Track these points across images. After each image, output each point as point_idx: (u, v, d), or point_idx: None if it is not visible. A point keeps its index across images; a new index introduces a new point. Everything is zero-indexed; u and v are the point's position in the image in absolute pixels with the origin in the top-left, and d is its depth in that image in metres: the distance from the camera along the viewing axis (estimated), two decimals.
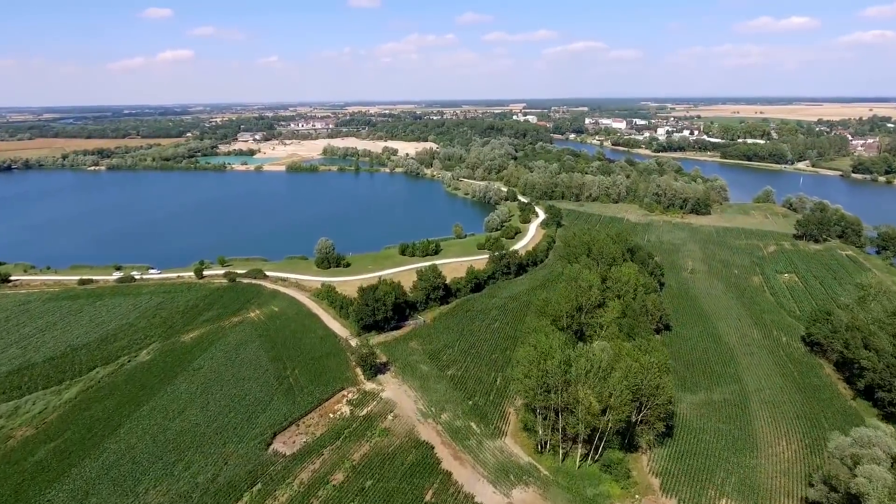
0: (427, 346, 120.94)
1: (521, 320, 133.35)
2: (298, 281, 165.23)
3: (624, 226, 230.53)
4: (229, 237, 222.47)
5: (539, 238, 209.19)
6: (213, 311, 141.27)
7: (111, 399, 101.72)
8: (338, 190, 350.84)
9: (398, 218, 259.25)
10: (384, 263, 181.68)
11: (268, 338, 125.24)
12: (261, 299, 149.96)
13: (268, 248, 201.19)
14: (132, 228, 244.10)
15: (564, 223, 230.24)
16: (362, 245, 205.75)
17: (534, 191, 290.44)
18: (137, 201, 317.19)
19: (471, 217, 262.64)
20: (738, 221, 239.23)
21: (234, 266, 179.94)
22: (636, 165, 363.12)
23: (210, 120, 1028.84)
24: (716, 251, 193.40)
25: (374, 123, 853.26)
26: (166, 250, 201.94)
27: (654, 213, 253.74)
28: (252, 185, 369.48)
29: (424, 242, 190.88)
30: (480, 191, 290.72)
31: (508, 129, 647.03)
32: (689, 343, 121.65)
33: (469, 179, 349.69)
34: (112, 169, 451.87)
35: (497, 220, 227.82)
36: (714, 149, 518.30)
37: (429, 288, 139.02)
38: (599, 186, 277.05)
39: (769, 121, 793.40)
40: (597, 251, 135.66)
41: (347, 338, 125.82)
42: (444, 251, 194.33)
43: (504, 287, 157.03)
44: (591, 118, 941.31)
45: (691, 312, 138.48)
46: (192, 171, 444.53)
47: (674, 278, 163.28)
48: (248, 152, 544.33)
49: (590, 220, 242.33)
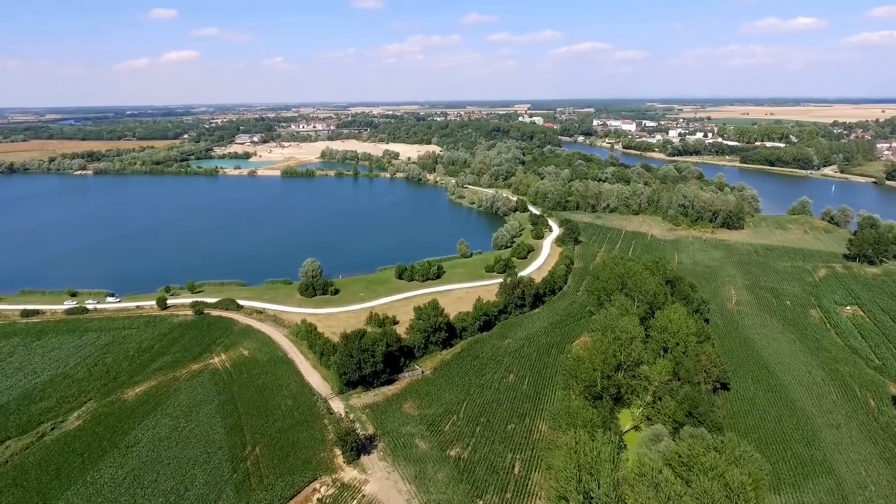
0: (425, 411, 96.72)
1: (541, 372, 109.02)
2: (277, 313, 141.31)
3: (649, 243, 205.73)
4: (206, 255, 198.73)
5: (555, 258, 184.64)
6: (170, 356, 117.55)
7: (5, 497, 77.76)
8: (333, 198, 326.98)
9: (397, 231, 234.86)
10: (378, 290, 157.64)
11: (229, 396, 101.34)
12: (229, 338, 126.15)
13: (248, 269, 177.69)
14: (99, 243, 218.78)
15: (582, 239, 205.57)
16: (355, 264, 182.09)
17: (545, 200, 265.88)
18: (114, 211, 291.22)
19: (477, 231, 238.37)
20: (777, 238, 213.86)
21: (205, 292, 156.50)
22: (654, 171, 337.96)
23: (211, 121, 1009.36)
24: (759, 276, 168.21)
25: (377, 125, 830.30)
26: (133, 271, 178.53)
27: (680, 226, 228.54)
28: (242, 192, 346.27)
29: (424, 264, 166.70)
30: (487, 200, 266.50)
31: (515, 131, 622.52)
32: (755, 410, 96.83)
33: (474, 186, 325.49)
34: (99, 173, 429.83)
35: (506, 235, 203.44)
36: (732, 153, 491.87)
37: (428, 329, 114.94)
38: (618, 196, 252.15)
39: (782, 122, 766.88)
40: (633, 286, 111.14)
41: (327, 396, 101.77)
42: (448, 274, 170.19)
43: (518, 323, 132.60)
44: (598, 119, 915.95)
45: (748, 362, 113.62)
46: (183, 175, 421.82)
47: (718, 313, 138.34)
48: (243, 155, 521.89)
49: (609, 235, 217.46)
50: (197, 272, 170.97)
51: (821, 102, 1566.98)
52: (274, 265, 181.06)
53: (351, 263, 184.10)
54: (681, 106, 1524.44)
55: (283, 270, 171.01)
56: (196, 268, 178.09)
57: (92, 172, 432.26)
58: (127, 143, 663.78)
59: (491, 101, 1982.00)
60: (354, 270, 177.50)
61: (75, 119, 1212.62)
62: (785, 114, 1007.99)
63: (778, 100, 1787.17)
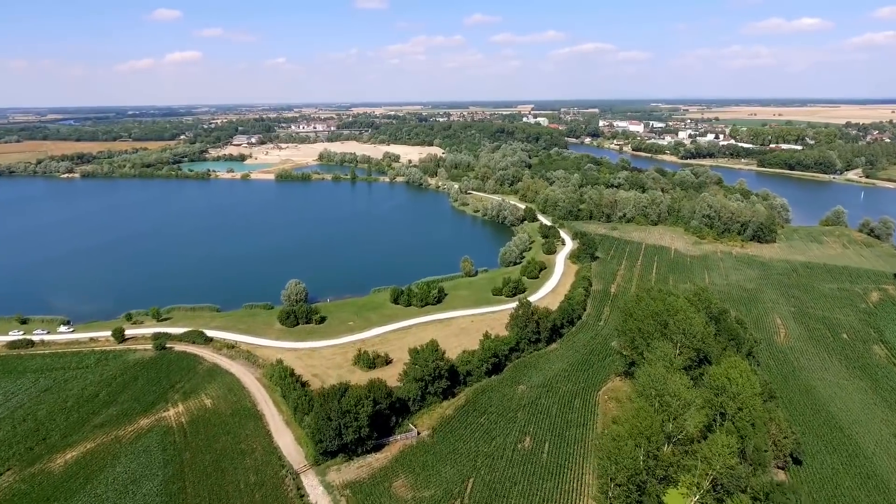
0: (421, 492, 76.83)
1: (564, 434, 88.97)
2: (251, 348, 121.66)
3: (674, 259, 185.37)
4: (180, 272, 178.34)
5: (570, 278, 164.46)
6: (117, 408, 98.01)
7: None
8: (328, 204, 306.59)
9: (395, 243, 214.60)
10: (370, 317, 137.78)
11: (177, 468, 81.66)
12: (191, 382, 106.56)
13: (225, 289, 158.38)
14: (62, 258, 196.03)
15: (599, 254, 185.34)
16: (346, 283, 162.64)
17: (556, 209, 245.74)
18: (89, 219, 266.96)
19: (482, 243, 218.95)
20: (814, 253, 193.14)
21: (172, 320, 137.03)
22: (669, 176, 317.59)
23: (211, 121, 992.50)
24: (805, 301, 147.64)
25: (378, 126, 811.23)
26: (95, 292, 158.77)
27: (705, 240, 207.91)
28: (232, 197, 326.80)
29: (423, 287, 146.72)
30: (493, 209, 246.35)
31: (519, 132, 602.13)
32: (840, 495, 76.51)
33: (479, 192, 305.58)
34: (87, 176, 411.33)
35: (515, 250, 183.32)
36: (748, 155, 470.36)
37: (426, 377, 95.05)
38: (636, 205, 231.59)
39: (793, 123, 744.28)
40: (676, 327, 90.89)
41: (299, 469, 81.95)
42: (450, 297, 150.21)
43: (532, 364, 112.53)
44: (604, 121, 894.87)
45: (816, 421, 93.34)
46: (174, 178, 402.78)
47: (767, 350, 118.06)
48: (238, 158, 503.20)
49: (628, 249, 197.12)
50: (167, 294, 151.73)
51: (827, 103, 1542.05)
52: (255, 284, 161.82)
53: (342, 282, 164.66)
54: (686, 106, 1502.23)
55: (265, 291, 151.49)
56: (167, 288, 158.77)
57: (79, 175, 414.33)
58: (122, 144, 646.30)
59: (494, 102, 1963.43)
60: (345, 291, 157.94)
61: (75, 119, 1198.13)
62: (792, 114, 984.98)
63: (784, 100, 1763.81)
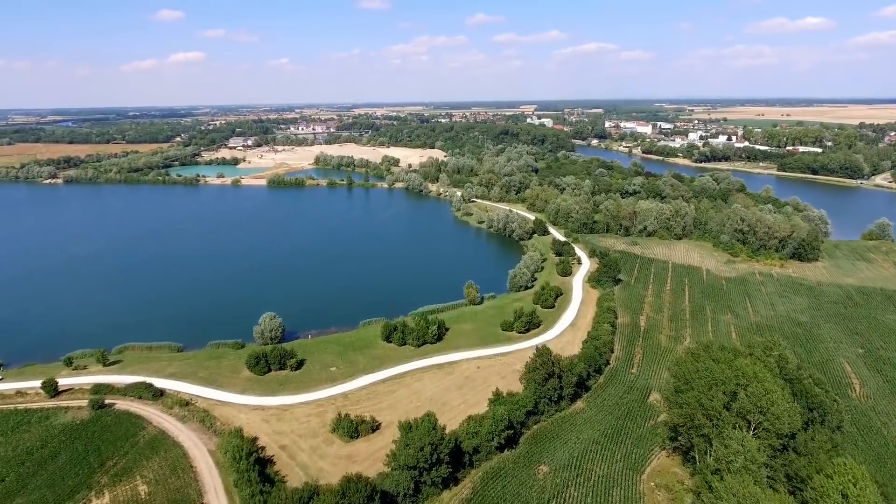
0: None
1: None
2: (210, 405, 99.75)
3: (707, 282, 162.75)
4: (142, 301, 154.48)
5: (591, 307, 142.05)
6: (25, 498, 76.26)
7: None
8: (320, 214, 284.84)
9: (390, 263, 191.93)
10: (356, 360, 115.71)
11: None
12: (127, 457, 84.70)
13: (191, 323, 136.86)
14: (10, 282, 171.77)
15: (622, 276, 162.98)
16: (332, 314, 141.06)
17: (568, 220, 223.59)
18: (51, 233, 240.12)
19: (488, 261, 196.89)
20: (865, 274, 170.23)
21: (123, 363, 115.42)
22: (688, 182, 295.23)
23: (210, 122, 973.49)
24: (873, 340, 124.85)
25: (378, 127, 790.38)
26: (36, 326, 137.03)
27: (738, 257, 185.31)
28: (218, 206, 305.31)
29: (421, 323, 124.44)
30: (499, 220, 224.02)
31: (524, 134, 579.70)
32: None
33: (483, 200, 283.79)
34: (70, 182, 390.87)
35: (526, 273, 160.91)
36: (765, 158, 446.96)
37: (422, 464, 72.92)
38: (658, 217, 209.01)
39: (804, 124, 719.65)
40: (750, 403, 68.45)
41: None
42: (452, 332, 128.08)
43: (555, 432, 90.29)
44: (610, 121, 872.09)
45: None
46: (161, 184, 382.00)
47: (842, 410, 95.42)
48: (231, 161, 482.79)
49: (653, 269, 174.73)
50: (123, 328, 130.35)
51: (833, 103, 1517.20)
52: (227, 315, 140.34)
53: (327, 311, 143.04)
54: (691, 106, 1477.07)
55: (238, 323, 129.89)
56: (124, 321, 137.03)
57: (62, 181, 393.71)
58: (115, 146, 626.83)
59: (496, 102, 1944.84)
60: (331, 322, 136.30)
61: (73, 121, 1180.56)
62: (800, 115, 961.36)
63: (788, 100, 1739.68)
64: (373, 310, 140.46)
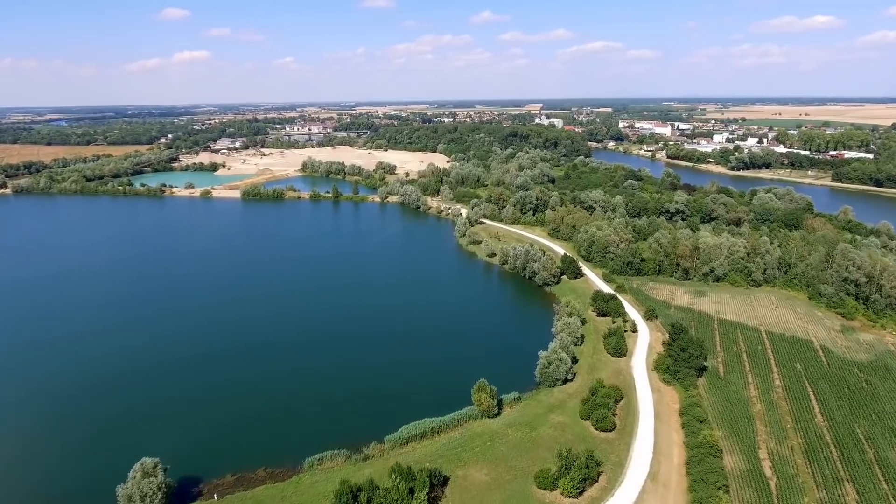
0: None
1: None
2: None
3: (829, 367, 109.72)
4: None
5: (673, 429, 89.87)
6: None
7: None
8: (293, 240, 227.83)
9: (368, 327, 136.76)
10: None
11: None
12: None
13: (25, 469, 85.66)
14: None
15: (707, 363, 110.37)
16: (264, 440, 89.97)
17: (606, 257, 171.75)
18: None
19: (505, 325, 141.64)
20: None
21: None
22: (740, 198, 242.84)
23: (206, 122, 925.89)
24: None
25: (377, 128, 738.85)
26: None
27: (853, 320, 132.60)
28: (171, 229, 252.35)
29: (399, 484, 72.40)
30: (517, 257, 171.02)
31: (535, 136, 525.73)
32: None
33: (493, 222, 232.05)
34: (20, 192, 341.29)
35: (564, 358, 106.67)
36: (812, 166, 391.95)
37: None
38: (730, 257, 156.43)
39: (830, 124, 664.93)
40: None
41: None
42: (454, 492, 76.48)
43: None
44: (623, 121, 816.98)
45: None
46: (121, 196, 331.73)
47: None
48: (209, 167, 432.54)
49: (742, 344, 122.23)
50: None
51: (843, 101, 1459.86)
52: (90, 448, 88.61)
53: (257, 435, 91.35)
54: (702, 105, 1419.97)
55: (104, 466, 79.03)
56: None
57: (11, 191, 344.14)
58: (94, 148, 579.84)
59: (502, 101, 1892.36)
60: (258, 459, 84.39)
61: (68, 120, 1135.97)
62: (818, 114, 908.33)
63: (798, 99, 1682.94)
64: (330, 429, 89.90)
